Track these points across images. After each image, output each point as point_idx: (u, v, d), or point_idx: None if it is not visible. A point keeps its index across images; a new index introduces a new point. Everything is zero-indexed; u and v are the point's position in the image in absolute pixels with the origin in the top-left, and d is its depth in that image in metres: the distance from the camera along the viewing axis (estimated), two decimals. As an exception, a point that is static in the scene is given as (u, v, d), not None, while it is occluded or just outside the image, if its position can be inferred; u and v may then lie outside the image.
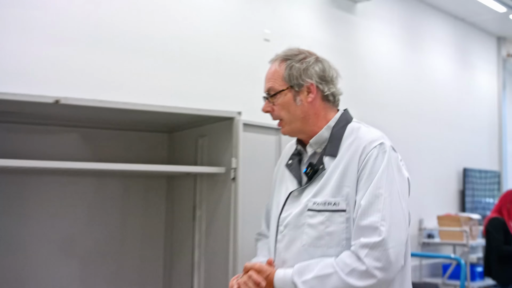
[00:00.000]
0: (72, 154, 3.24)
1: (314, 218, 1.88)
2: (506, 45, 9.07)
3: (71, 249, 3.29)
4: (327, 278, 1.77)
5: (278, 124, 2.03)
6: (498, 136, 8.82)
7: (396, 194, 1.83)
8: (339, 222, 1.84)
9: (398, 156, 1.92)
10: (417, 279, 6.49)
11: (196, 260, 3.21)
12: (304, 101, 1.97)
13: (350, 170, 1.86)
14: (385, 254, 1.73)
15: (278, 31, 5.07)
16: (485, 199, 8.16)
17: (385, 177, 1.82)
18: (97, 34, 3.79)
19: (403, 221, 1.82)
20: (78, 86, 3.60)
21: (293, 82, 1.96)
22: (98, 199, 3.40)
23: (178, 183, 3.55)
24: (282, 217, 1.98)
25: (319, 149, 1.98)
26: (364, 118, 2.21)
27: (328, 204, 1.86)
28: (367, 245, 1.74)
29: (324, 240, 1.85)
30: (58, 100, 2.44)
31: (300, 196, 1.95)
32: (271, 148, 3.11)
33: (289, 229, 1.93)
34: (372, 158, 1.85)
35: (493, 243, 5.50)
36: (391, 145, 1.91)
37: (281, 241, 1.95)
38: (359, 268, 1.73)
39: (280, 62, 2.00)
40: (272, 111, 2.00)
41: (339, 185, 1.86)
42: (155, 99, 3.62)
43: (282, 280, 1.85)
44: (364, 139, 1.90)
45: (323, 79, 1.99)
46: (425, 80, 7.26)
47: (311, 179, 1.93)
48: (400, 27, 6.89)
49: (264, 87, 2.03)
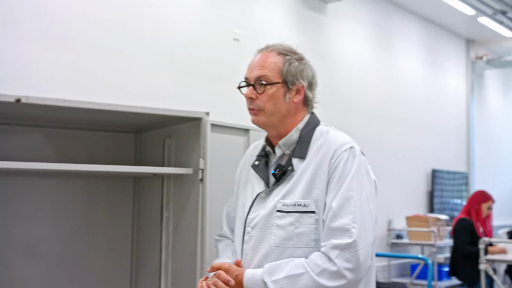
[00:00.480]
0: (35, 155, 3.18)
1: (283, 219, 1.88)
2: (475, 48, 9.21)
3: (35, 251, 3.22)
4: (298, 278, 1.77)
5: (253, 113, 2.00)
6: (466, 137, 8.94)
7: (365, 197, 1.86)
8: (308, 224, 1.85)
9: (366, 159, 1.96)
10: (386, 279, 6.53)
11: (163, 261, 3.18)
12: (291, 100, 1.98)
13: (320, 172, 1.88)
14: (355, 255, 1.76)
15: (248, 30, 5.05)
16: (453, 200, 8.26)
17: (356, 180, 1.84)
18: (61, 33, 3.73)
19: (371, 223, 1.85)
20: (42, 85, 3.54)
21: (288, 78, 1.97)
22: (62, 200, 3.34)
23: (146, 184, 3.50)
24: (249, 218, 1.98)
25: (287, 151, 2.00)
26: (332, 119, 2.22)
27: (298, 206, 1.87)
28: (338, 246, 1.76)
29: (292, 241, 1.86)
30: (19, 99, 2.38)
31: (268, 198, 1.96)
32: (239, 149, 3.09)
33: (257, 230, 1.94)
34: (342, 161, 1.87)
35: (458, 243, 5.57)
36: (360, 149, 1.94)
37: (248, 242, 1.95)
38: (330, 269, 1.75)
39: (277, 54, 1.99)
40: (255, 99, 1.98)
41: (309, 187, 1.88)
42: (122, 99, 3.58)
43: (251, 279, 1.85)
44: (334, 142, 1.92)
45: (310, 85, 2.03)
46: (395, 81, 7.32)
47: (279, 180, 1.93)
48: (370, 28, 6.93)
49: (251, 73, 1.99)
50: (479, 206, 5.75)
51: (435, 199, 7.83)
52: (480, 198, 5.80)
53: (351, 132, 2.04)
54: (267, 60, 1.98)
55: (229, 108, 4.12)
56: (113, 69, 3.99)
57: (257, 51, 2.05)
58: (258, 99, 1.97)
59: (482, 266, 5.07)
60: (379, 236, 6.74)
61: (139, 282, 3.50)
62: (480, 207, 5.74)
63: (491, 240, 5.21)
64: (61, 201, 3.34)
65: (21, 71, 3.49)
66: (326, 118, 2.11)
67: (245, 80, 2.02)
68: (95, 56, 3.89)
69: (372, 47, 6.95)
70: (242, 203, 2.08)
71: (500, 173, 9.92)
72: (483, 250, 5.10)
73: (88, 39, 3.86)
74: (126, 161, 3.55)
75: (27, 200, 3.21)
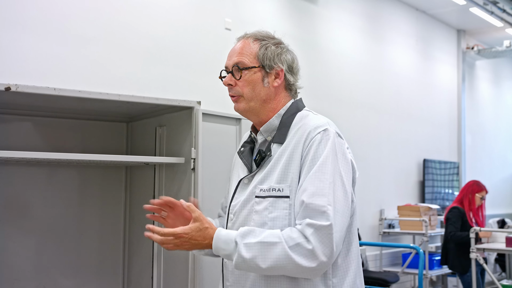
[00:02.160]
0: (26, 144, 3.16)
1: (259, 204, 1.89)
2: (466, 38, 9.23)
3: (26, 241, 3.21)
4: (270, 246, 1.76)
5: (234, 100, 2.01)
6: (457, 127, 8.97)
7: (339, 180, 1.83)
8: (282, 208, 1.85)
9: (343, 142, 1.93)
10: (377, 268, 6.57)
11: (155, 250, 3.18)
12: (270, 84, 1.98)
13: (295, 156, 1.88)
14: (329, 238, 1.73)
15: (239, 20, 5.03)
16: (445, 189, 8.31)
17: (329, 163, 1.82)
18: (53, 21, 3.70)
19: (346, 207, 1.82)
20: (33, 73, 3.52)
21: (265, 62, 1.97)
22: (53, 189, 3.33)
23: (137, 173, 3.50)
24: (232, 205, 2.00)
25: (269, 137, 2.00)
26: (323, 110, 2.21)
27: (273, 190, 1.87)
28: (313, 225, 1.74)
29: (267, 225, 1.85)
30: (9, 87, 2.36)
31: (249, 184, 1.97)
32: (231, 138, 3.09)
33: (238, 216, 1.95)
34: (315, 144, 1.85)
35: (449, 229, 5.61)
36: (336, 131, 1.91)
37: (231, 228, 1.96)
38: (304, 245, 1.73)
39: (253, 40, 2.00)
40: (234, 86, 1.98)
41: (284, 172, 1.88)
42: (114, 88, 3.57)
43: (224, 237, 1.82)
44: (309, 125, 1.91)
45: (291, 69, 2.03)
46: (386, 71, 7.33)
47: (258, 166, 1.94)
48: (361, 18, 6.92)
49: (229, 61, 2.01)
50: (472, 196, 5.79)
51: (427, 188, 7.87)
52: (474, 188, 5.84)
53: (342, 122, 2.04)
54: (244, 47, 1.99)
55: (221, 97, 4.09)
56: (104, 59, 3.97)
57: (236, 40, 2.06)
58: (237, 85, 1.97)
59: (472, 255, 5.11)
60: (371, 226, 6.77)
61: (132, 270, 3.50)
62: (473, 197, 5.78)
63: (482, 229, 5.24)
64: (52, 191, 3.32)
65: (12, 59, 3.47)
66: (317, 107, 2.11)
67: (225, 69, 2.03)
68: (86, 46, 3.87)
69: (363, 37, 6.95)
70: (230, 190, 2.10)
71: (491, 163, 9.97)
72: (474, 239, 5.14)
73: (80, 29, 3.84)
74: (117, 150, 3.54)
75: (18, 190, 3.19)
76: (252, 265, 1.76)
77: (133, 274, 3.48)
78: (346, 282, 1.88)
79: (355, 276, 1.92)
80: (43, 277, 3.26)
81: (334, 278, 1.85)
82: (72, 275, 3.37)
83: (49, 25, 3.67)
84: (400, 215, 6.81)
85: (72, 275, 3.37)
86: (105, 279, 3.50)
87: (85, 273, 3.43)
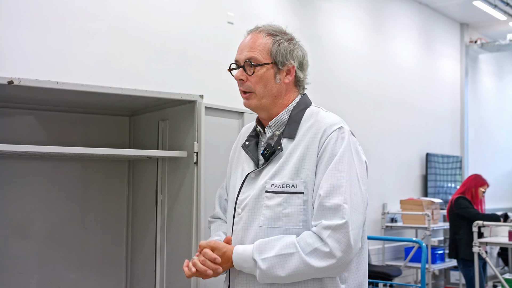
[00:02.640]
0: (29, 137, 3.17)
1: (271, 199, 1.88)
2: (469, 31, 9.19)
3: (29, 234, 3.22)
4: (288, 258, 1.78)
5: (245, 96, 2.00)
6: (460, 121, 8.95)
7: (356, 178, 1.85)
8: (297, 204, 1.85)
9: (356, 140, 1.95)
10: (380, 262, 6.57)
11: (158, 243, 3.18)
12: (282, 80, 1.97)
13: (310, 153, 1.87)
14: (346, 236, 1.75)
15: (242, 14, 5.02)
16: (447, 183, 8.30)
17: (346, 161, 1.83)
18: (56, 16, 3.70)
19: (361, 204, 1.85)
20: (36, 68, 3.52)
21: (278, 59, 1.96)
22: (56, 183, 3.33)
23: (140, 167, 3.50)
24: (239, 199, 1.98)
25: (277, 132, 1.99)
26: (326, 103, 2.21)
27: (286, 186, 1.87)
28: (329, 227, 1.76)
29: (281, 221, 1.86)
30: (12, 81, 2.36)
31: (257, 178, 1.96)
32: (234, 131, 3.08)
33: (246, 211, 1.94)
34: (332, 142, 1.86)
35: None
36: (349, 129, 1.93)
37: (238, 223, 1.96)
38: (321, 249, 1.75)
39: (266, 35, 1.97)
40: (245, 81, 1.97)
41: (298, 168, 1.87)
42: (117, 82, 3.57)
43: (241, 256, 1.86)
44: (324, 122, 1.91)
45: (301, 66, 2.02)
46: (389, 65, 7.31)
47: (268, 160, 1.93)
48: (364, 11, 6.90)
49: (240, 55, 1.98)
50: (476, 189, 5.81)
51: (429, 182, 7.86)
52: (477, 182, 5.86)
53: (345, 116, 2.03)
54: (257, 41, 1.96)
55: (223, 91, 4.11)
56: (107, 53, 3.97)
57: (247, 33, 2.04)
58: (248, 80, 1.96)
59: (475, 248, 5.11)
60: (374, 220, 6.77)
61: (135, 264, 3.51)
62: (477, 190, 5.80)
63: (485, 223, 5.23)
64: (55, 184, 3.33)
65: (14, 53, 3.46)
66: (320, 102, 2.11)
67: (235, 62, 2.00)
68: (89, 40, 3.87)
69: (366, 31, 6.93)
70: (233, 184, 2.08)
71: (494, 157, 9.96)
72: (476, 233, 5.13)
73: (82, 23, 3.83)
74: (120, 144, 3.54)
75: (21, 183, 3.20)
76: (275, 277, 1.80)
77: (136, 267, 3.49)
78: (358, 276, 1.91)
79: (365, 271, 1.95)
80: (46, 271, 3.27)
81: (345, 272, 1.87)
82: (76, 269, 3.39)
83: (51, 20, 3.67)
84: (403, 209, 6.81)
85: (76, 269, 3.39)
86: (108, 272, 3.52)
87: (88, 267, 3.44)
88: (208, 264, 1.88)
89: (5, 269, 3.13)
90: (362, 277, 1.93)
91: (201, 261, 1.89)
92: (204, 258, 1.89)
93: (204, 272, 1.88)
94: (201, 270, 1.88)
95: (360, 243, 1.84)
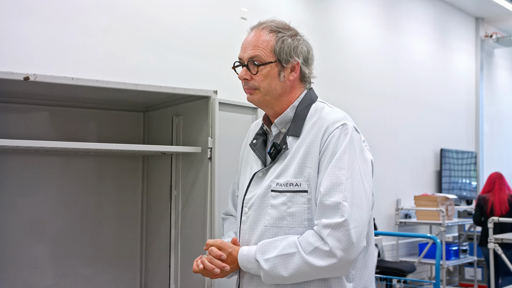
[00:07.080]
0: (44, 133, 3.18)
1: (276, 199, 1.87)
2: (484, 26, 9.11)
3: (45, 229, 3.25)
4: (289, 258, 1.78)
5: (247, 91, 1.98)
6: (475, 117, 8.88)
7: (358, 175, 1.82)
8: (301, 203, 1.84)
9: (361, 137, 1.92)
10: (394, 258, 6.55)
11: (173, 239, 3.19)
12: (286, 78, 1.95)
13: (312, 150, 1.86)
14: (347, 234, 1.73)
15: (255, 9, 5.01)
16: (462, 179, 8.24)
17: (347, 158, 1.81)
18: (70, 12, 3.71)
19: (365, 201, 1.82)
20: (50, 64, 3.53)
21: (282, 56, 1.93)
22: (71, 178, 3.35)
23: (154, 162, 3.51)
24: (246, 198, 1.98)
25: (283, 129, 1.98)
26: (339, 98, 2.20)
27: (290, 185, 1.86)
28: (329, 225, 1.74)
29: (286, 220, 1.85)
30: (28, 77, 2.38)
31: (264, 177, 1.95)
32: (247, 127, 3.05)
33: (253, 210, 1.93)
34: (334, 139, 1.84)
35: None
36: (354, 125, 1.90)
37: (245, 222, 1.96)
38: (321, 248, 1.74)
39: (269, 32, 1.95)
40: (249, 80, 1.95)
41: (301, 166, 1.86)
42: (131, 78, 3.57)
43: (246, 257, 1.87)
44: (327, 119, 1.89)
45: (306, 61, 1.99)
46: (403, 60, 7.26)
47: (274, 159, 1.92)
48: (378, 6, 6.86)
49: (244, 53, 1.97)
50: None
51: (444, 178, 7.81)
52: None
53: (359, 112, 2.02)
54: (260, 39, 1.94)
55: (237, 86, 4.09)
56: (121, 48, 3.98)
57: (250, 29, 2.01)
58: (253, 79, 1.94)
59: (490, 245, 5.07)
60: (387, 216, 6.74)
61: (149, 259, 3.52)
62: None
63: (501, 219, 5.19)
64: (70, 180, 3.35)
65: (29, 50, 3.48)
66: (333, 97, 2.10)
67: (239, 60, 1.98)
68: (103, 36, 3.87)
69: (380, 26, 6.89)
70: (242, 183, 2.08)
71: (509, 152, 9.87)
72: (492, 229, 5.10)
73: (96, 18, 3.84)
74: (134, 140, 3.56)
75: (36, 179, 3.22)
76: (278, 278, 1.80)
77: (150, 262, 3.50)
78: (365, 275, 1.90)
79: (373, 270, 1.93)
80: (61, 266, 3.29)
81: (353, 270, 1.86)
82: (90, 264, 3.41)
83: (66, 16, 3.68)
84: (417, 205, 6.78)
85: (90, 264, 3.41)
86: (123, 267, 3.53)
87: (103, 262, 3.46)
88: (215, 262, 1.88)
89: (21, 264, 3.15)
90: (369, 275, 1.91)
91: (208, 259, 1.91)
92: (211, 256, 1.90)
93: (211, 270, 1.88)
94: (209, 268, 1.89)
95: (365, 241, 1.80)
